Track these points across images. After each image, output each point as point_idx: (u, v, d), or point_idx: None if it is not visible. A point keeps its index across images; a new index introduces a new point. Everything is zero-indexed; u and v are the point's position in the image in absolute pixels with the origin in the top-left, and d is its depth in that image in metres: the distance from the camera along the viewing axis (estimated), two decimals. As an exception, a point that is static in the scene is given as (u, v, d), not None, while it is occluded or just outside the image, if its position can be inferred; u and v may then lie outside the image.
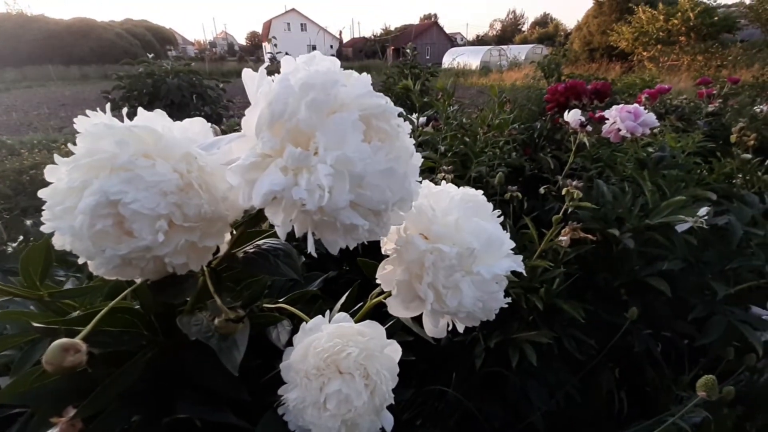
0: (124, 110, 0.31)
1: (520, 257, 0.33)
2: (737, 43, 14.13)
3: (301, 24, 39.07)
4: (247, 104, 0.27)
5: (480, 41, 53.22)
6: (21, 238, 1.10)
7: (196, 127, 0.33)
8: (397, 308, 0.35)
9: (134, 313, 0.40)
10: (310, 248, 0.24)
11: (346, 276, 1.06)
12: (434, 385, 0.81)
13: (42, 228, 0.28)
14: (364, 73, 0.27)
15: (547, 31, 48.83)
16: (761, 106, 2.63)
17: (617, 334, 0.88)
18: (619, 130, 1.19)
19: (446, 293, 0.30)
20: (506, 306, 0.34)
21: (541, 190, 1.20)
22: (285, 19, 38.69)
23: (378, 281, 0.36)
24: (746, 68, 10.19)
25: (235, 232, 0.36)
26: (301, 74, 0.24)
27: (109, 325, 0.39)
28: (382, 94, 0.26)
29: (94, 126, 0.29)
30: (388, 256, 0.40)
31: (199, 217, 0.29)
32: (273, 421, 0.41)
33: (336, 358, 0.40)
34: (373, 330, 0.43)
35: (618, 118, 1.19)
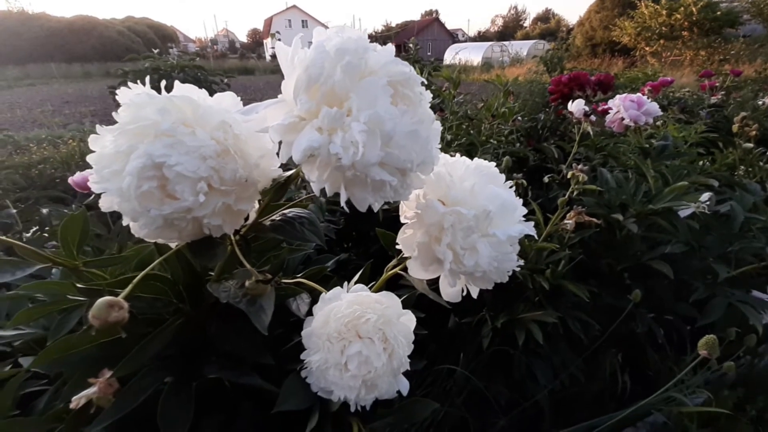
0: (163, 83, 0.33)
1: (532, 223, 0.36)
2: (740, 39, 14.07)
3: (302, 21, 39.03)
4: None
5: (481, 37, 53.02)
6: (36, 228, 1.12)
7: (228, 100, 0.35)
8: (417, 270, 0.37)
9: (165, 281, 0.43)
10: (343, 202, 0.27)
11: (355, 262, 1.09)
12: (443, 365, 0.83)
13: (91, 188, 0.31)
14: (389, 44, 0.29)
15: (549, 26, 48.64)
16: (764, 99, 2.64)
17: (620, 317, 0.90)
18: (623, 119, 1.21)
19: (464, 254, 0.32)
20: (518, 268, 0.36)
21: (546, 179, 1.22)
22: (286, 15, 38.65)
23: (398, 246, 0.38)
24: (749, 63, 10.16)
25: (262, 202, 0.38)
26: (335, 41, 0.26)
27: (143, 291, 0.41)
28: (407, 62, 0.28)
29: (137, 96, 0.31)
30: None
31: (234, 181, 0.31)
32: (296, 383, 0.43)
33: (356, 323, 0.43)
34: (390, 299, 0.45)
35: (621, 107, 1.20)
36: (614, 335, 0.94)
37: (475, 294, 0.39)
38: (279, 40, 0.33)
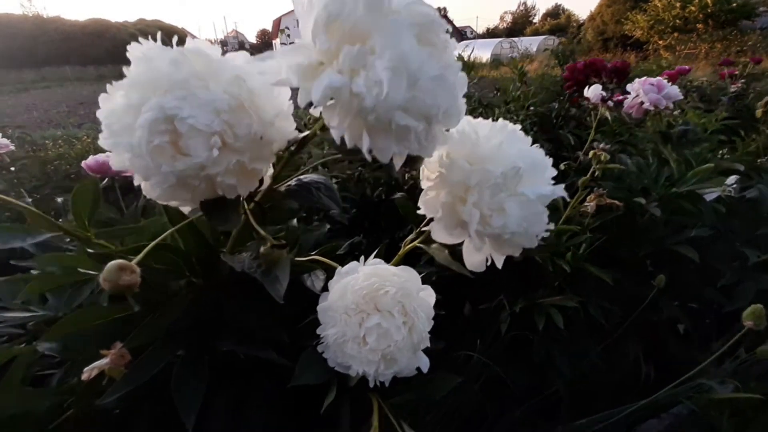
0: (175, 38, 0.31)
1: (562, 185, 0.33)
2: (756, 31, 13.71)
3: (311, 20, 39.07)
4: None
5: (490, 34, 52.59)
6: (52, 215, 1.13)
7: (240, 58, 0.34)
8: (440, 234, 0.35)
9: (178, 252, 0.41)
10: (365, 150, 0.25)
11: (368, 248, 1.07)
12: (459, 352, 0.81)
13: (101, 144, 0.29)
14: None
15: (558, 22, 48.00)
16: (786, 88, 2.55)
17: (643, 305, 0.87)
18: (642, 103, 1.17)
19: (491, 214, 0.30)
20: (546, 233, 0.34)
21: (562, 166, 1.19)
22: (295, 15, 38.82)
23: (420, 211, 0.36)
24: (766, 56, 9.89)
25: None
26: (356, -25, 0.24)
27: (155, 261, 0.40)
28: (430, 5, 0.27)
29: (149, 49, 0.30)
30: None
31: (249, 137, 0.30)
32: (312, 357, 0.42)
33: (374, 295, 0.41)
34: (409, 273, 0.44)
35: (641, 90, 1.16)
36: (635, 324, 0.91)
37: (499, 263, 0.37)
38: (288, 35, 0.32)
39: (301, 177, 0.37)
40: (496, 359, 0.82)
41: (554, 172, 0.34)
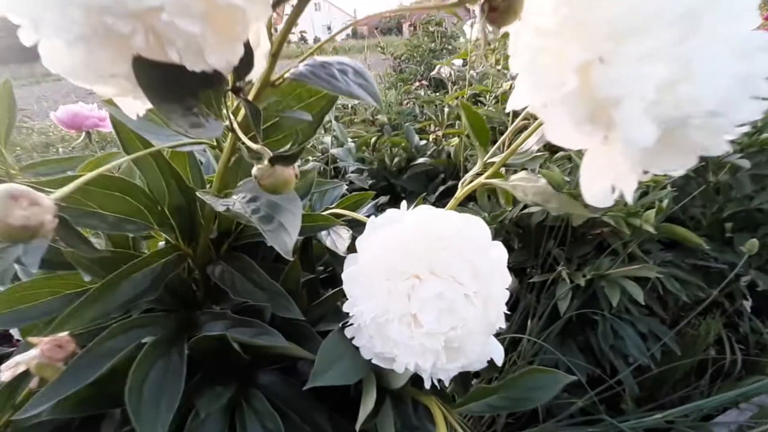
0: None
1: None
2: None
3: (315, 4, 38.41)
4: None
5: (501, 12, 50.98)
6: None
7: None
8: (560, 128, 0.20)
9: (138, 195, 0.28)
10: None
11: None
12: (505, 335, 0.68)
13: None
14: None
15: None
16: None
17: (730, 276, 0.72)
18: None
19: (674, 76, 0.16)
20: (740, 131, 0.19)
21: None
22: (299, -1, 38.21)
23: (517, 97, 0.21)
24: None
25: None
26: None
27: (103, 207, 0.27)
28: None
29: None
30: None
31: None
32: (339, 345, 0.29)
33: (429, 252, 0.27)
34: (474, 222, 0.30)
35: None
36: (700, 302, 0.76)
37: (629, 197, 0.23)
38: None
39: (316, 57, 0.23)
40: (548, 343, 0.69)
41: (758, 18, 0.19)
